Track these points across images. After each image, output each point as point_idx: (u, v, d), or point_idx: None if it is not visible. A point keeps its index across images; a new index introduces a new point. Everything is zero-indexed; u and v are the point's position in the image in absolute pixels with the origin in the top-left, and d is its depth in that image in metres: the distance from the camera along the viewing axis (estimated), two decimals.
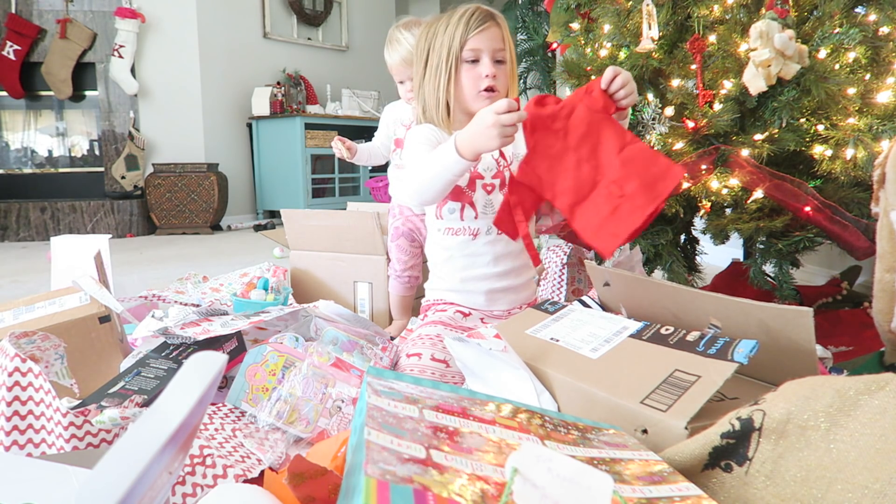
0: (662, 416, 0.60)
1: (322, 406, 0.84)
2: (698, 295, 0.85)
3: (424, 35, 1.10)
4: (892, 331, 0.82)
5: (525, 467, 0.41)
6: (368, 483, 0.37)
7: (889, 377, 0.51)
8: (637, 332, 0.79)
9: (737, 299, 0.79)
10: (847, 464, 0.49)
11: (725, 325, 0.81)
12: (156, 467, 0.41)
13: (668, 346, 0.74)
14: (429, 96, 1.09)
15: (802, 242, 1.17)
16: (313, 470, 0.53)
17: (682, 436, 0.59)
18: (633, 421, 0.64)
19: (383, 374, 0.58)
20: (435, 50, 1.08)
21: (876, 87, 1.11)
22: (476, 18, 1.05)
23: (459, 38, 1.05)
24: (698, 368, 0.67)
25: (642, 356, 0.73)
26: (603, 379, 0.70)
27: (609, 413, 0.66)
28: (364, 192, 4.68)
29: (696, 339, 0.73)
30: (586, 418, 0.68)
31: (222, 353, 0.50)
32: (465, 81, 1.06)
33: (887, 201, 0.80)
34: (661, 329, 0.78)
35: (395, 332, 1.47)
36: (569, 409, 0.73)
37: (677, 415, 0.60)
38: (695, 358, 0.69)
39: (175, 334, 0.94)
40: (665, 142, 1.25)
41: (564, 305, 0.92)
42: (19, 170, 4.01)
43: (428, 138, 1.07)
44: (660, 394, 0.64)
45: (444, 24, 1.07)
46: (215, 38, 4.15)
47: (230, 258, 2.79)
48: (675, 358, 0.70)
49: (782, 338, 0.75)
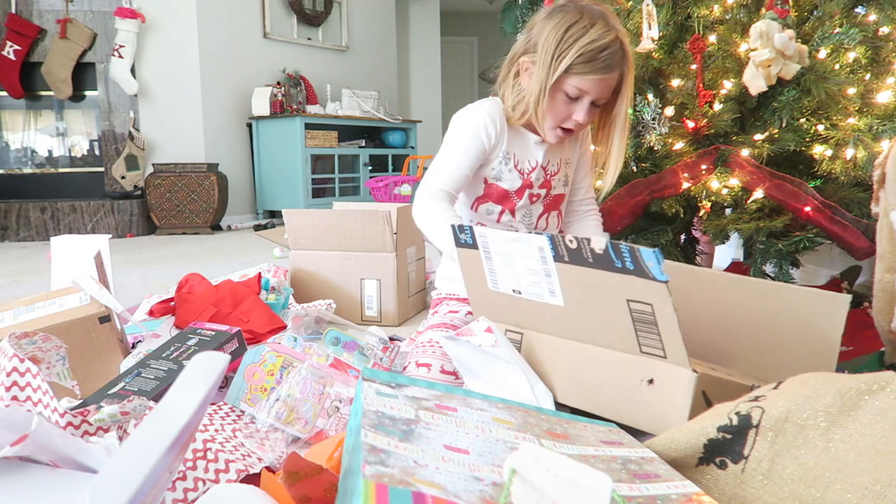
0: (666, 364, 0.63)
1: (320, 406, 0.84)
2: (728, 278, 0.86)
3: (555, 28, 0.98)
4: (892, 331, 0.82)
5: (523, 468, 0.41)
6: (367, 486, 0.37)
7: (890, 377, 0.51)
8: (555, 252, 0.75)
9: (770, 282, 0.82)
10: (846, 464, 0.48)
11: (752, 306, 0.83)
12: (161, 467, 0.41)
13: (592, 266, 0.70)
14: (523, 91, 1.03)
15: (802, 242, 1.17)
16: (309, 468, 0.52)
17: (691, 379, 0.61)
18: (638, 372, 0.66)
19: (378, 375, 0.58)
20: (550, 53, 0.97)
21: (876, 87, 1.11)
22: (604, 61, 0.95)
23: (578, 68, 0.96)
24: (641, 294, 0.66)
25: (589, 287, 0.71)
26: (592, 332, 0.72)
27: (615, 367, 0.69)
28: (364, 192, 4.68)
29: (602, 249, 0.69)
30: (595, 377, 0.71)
31: (225, 354, 0.50)
32: (553, 107, 1.00)
33: (887, 201, 0.80)
34: (567, 241, 0.74)
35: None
36: (578, 371, 0.74)
37: (677, 359, 0.62)
38: (626, 280, 0.67)
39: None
40: (665, 142, 1.25)
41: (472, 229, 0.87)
42: (19, 170, 4.01)
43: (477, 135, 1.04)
44: (644, 335, 0.66)
45: (576, 35, 0.96)
46: (215, 38, 4.15)
47: (230, 258, 2.79)
48: (614, 284, 0.68)
49: (810, 326, 0.75)
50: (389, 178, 4.34)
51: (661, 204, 1.26)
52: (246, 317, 1.22)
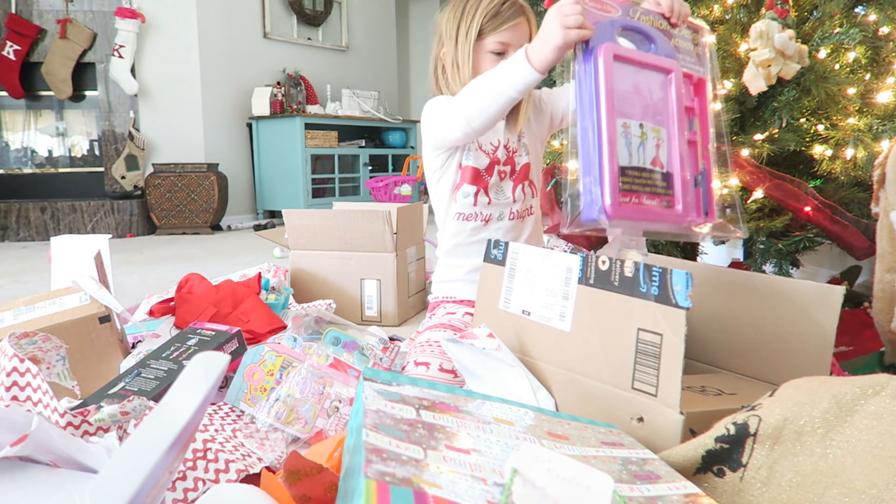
0: (656, 403, 0.62)
1: (320, 406, 0.84)
2: (723, 272, 0.87)
3: (459, 8, 1.09)
4: (892, 331, 0.82)
5: (525, 468, 0.41)
6: (368, 485, 0.37)
7: (885, 380, 0.51)
8: (582, 274, 0.74)
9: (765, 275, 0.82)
10: (844, 469, 0.49)
11: (747, 300, 0.83)
12: (161, 467, 0.41)
13: (615, 290, 0.70)
14: (451, 72, 1.10)
15: (802, 242, 1.17)
16: (309, 467, 0.52)
17: (678, 421, 0.60)
18: (628, 408, 0.65)
19: (379, 374, 0.58)
20: (456, 29, 1.08)
21: (876, 87, 1.11)
22: (509, 12, 1.05)
23: (491, 26, 1.05)
24: (655, 322, 0.65)
25: (603, 314, 0.71)
26: (587, 363, 0.70)
27: (605, 402, 0.68)
28: (364, 192, 4.68)
29: (633, 272, 0.69)
30: (584, 410, 0.69)
31: (225, 354, 0.50)
32: (483, 69, 1.05)
33: (887, 201, 0.80)
34: (599, 263, 0.73)
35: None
36: (566, 402, 0.73)
37: (668, 400, 0.61)
38: (646, 305, 0.66)
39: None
40: None
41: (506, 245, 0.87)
42: (19, 170, 4.01)
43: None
44: (641, 370, 0.65)
45: (474, 4, 1.07)
46: (215, 38, 4.15)
47: (230, 258, 2.79)
48: (630, 309, 0.68)
49: (804, 318, 0.76)
50: (389, 178, 4.34)
51: None
52: (246, 317, 1.22)
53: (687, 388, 0.74)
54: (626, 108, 0.75)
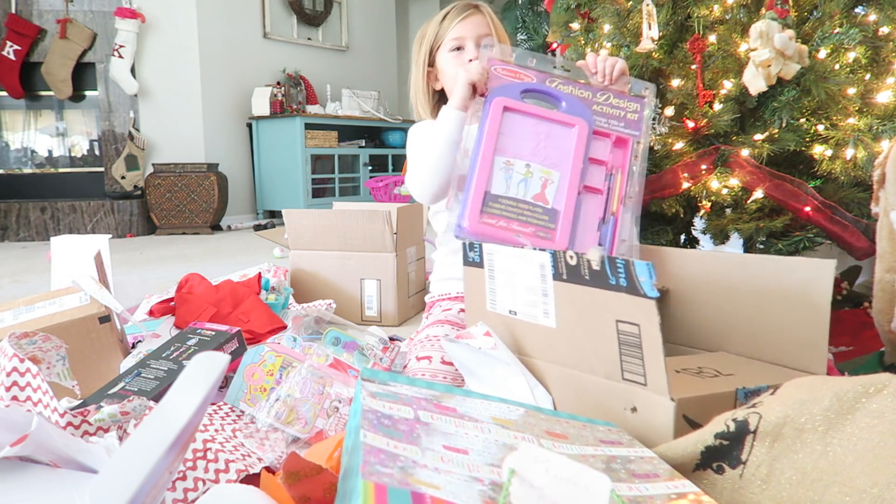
0: (647, 392, 0.63)
1: (319, 406, 0.84)
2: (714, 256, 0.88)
3: (419, 37, 1.19)
4: (893, 331, 0.82)
5: (523, 468, 0.41)
6: (366, 486, 0.37)
7: (887, 378, 0.51)
8: (555, 270, 0.75)
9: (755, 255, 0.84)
10: (844, 467, 0.48)
11: (740, 281, 0.85)
12: (161, 467, 0.41)
13: (588, 284, 0.71)
14: (418, 92, 1.20)
15: (802, 242, 1.17)
16: (309, 468, 0.53)
17: (670, 408, 0.61)
18: (622, 399, 0.66)
19: (377, 375, 0.58)
20: (423, 48, 1.16)
21: (876, 87, 1.11)
22: (457, 9, 1.13)
23: (444, 29, 1.12)
24: (630, 313, 0.65)
25: (582, 308, 0.71)
26: (578, 357, 0.72)
27: (599, 394, 0.69)
28: (364, 192, 4.68)
29: (599, 265, 0.70)
30: (580, 404, 0.70)
31: (225, 354, 0.50)
32: (451, 71, 1.11)
33: (887, 201, 0.80)
34: (568, 258, 0.74)
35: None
36: (563, 397, 0.74)
37: (657, 387, 0.62)
38: (619, 297, 0.67)
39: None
40: (665, 142, 1.25)
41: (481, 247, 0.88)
42: (19, 170, 4.01)
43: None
44: (627, 360, 0.66)
45: (437, 19, 1.15)
46: (215, 38, 4.15)
47: (230, 258, 2.79)
48: (605, 302, 0.68)
49: (798, 293, 0.76)
50: (389, 178, 4.34)
51: (661, 204, 1.26)
52: (246, 317, 1.22)
53: (683, 370, 0.75)
54: (512, 148, 0.90)
